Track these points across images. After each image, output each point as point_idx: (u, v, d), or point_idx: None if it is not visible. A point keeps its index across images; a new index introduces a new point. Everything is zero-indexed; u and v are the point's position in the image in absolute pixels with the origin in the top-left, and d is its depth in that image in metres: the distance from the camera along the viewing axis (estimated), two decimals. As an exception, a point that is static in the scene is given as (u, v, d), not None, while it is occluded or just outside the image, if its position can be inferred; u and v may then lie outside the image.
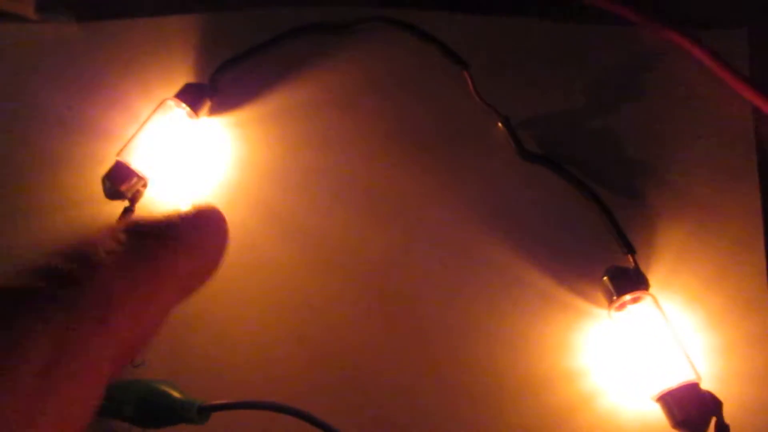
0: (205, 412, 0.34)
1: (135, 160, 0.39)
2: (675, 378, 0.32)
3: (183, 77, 0.43)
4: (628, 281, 0.34)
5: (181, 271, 0.19)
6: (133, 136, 0.39)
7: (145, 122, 0.39)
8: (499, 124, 0.40)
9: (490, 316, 0.37)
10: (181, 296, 0.20)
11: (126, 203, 0.39)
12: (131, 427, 0.36)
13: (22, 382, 0.15)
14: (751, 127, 0.39)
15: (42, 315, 0.16)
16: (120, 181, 0.38)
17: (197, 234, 0.20)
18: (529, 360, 0.36)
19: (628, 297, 0.34)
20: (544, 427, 0.35)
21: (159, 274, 0.19)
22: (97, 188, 0.39)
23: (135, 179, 0.39)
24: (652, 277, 0.36)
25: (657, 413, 0.33)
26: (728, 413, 0.32)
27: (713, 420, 0.31)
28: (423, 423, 0.36)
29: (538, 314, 0.37)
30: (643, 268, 0.36)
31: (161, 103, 0.40)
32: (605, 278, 0.35)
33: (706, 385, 0.32)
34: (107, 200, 0.39)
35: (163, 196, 0.41)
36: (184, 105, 0.40)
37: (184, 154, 0.41)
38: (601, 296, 0.36)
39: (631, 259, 0.36)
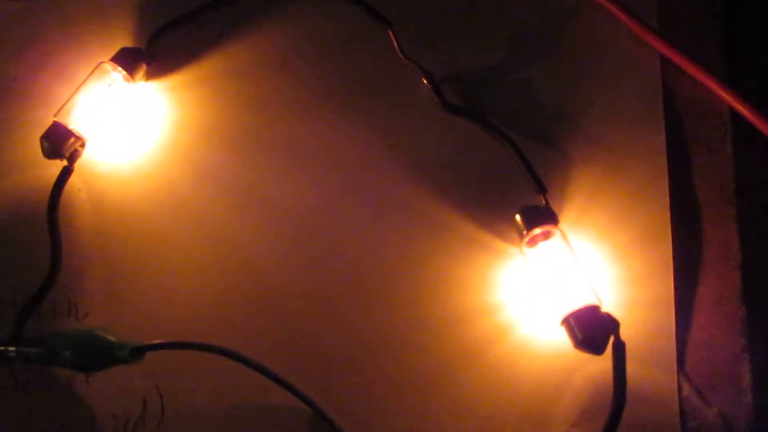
0: (137, 352, 0.36)
1: (72, 121, 0.40)
2: (577, 303, 0.34)
3: (123, 44, 0.44)
4: (537, 217, 0.36)
5: None
6: (70, 98, 0.41)
7: (81, 84, 0.41)
8: (424, 80, 0.42)
9: (414, 259, 0.39)
10: None
11: (64, 162, 0.40)
12: (74, 373, 0.39)
13: None
14: (658, 76, 0.41)
15: None
16: (57, 141, 0.40)
17: None
18: (450, 298, 0.38)
19: (537, 231, 0.36)
20: (465, 358, 0.37)
21: None
22: (39, 151, 0.41)
23: (72, 139, 0.40)
24: (565, 216, 0.38)
25: (565, 340, 0.35)
26: (630, 336, 0.34)
27: (612, 339, 0.33)
28: (352, 360, 0.38)
29: (458, 255, 0.39)
30: (556, 208, 0.38)
31: (98, 66, 0.41)
32: (517, 215, 0.37)
33: (613, 312, 0.35)
34: (48, 162, 0.41)
35: (102, 156, 0.42)
36: (120, 68, 0.42)
37: (121, 115, 0.42)
38: (516, 236, 0.38)
39: (542, 198, 0.38)
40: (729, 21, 0.41)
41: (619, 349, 0.33)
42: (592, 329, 0.33)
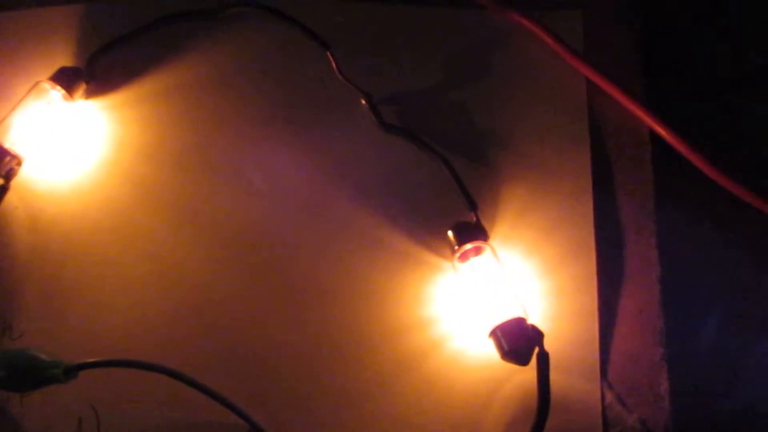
0: (71, 370, 0.35)
1: (9, 139, 0.40)
2: (504, 315, 0.35)
3: (62, 64, 0.44)
4: (468, 233, 0.38)
5: None
6: (5, 116, 0.41)
7: (19, 103, 0.41)
8: (362, 100, 0.43)
9: (349, 274, 0.40)
10: None
11: (0, 181, 0.40)
12: (8, 394, 0.38)
13: None
14: (584, 98, 0.43)
15: None
16: (-8, 159, 0.40)
17: None
18: (385, 312, 0.39)
19: (468, 246, 0.38)
20: (400, 370, 0.38)
21: None
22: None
23: (8, 158, 0.40)
24: (496, 232, 0.40)
25: (495, 352, 0.36)
26: (556, 347, 0.36)
27: (536, 350, 0.35)
28: (289, 374, 0.38)
29: (393, 270, 0.40)
30: (488, 224, 0.40)
31: (35, 85, 0.41)
32: (449, 232, 0.38)
33: (539, 324, 0.36)
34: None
35: (40, 174, 0.42)
36: (59, 87, 0.42)
37: (60, 134, 0.42)
38: (449, 251, 0.39)
39: (473, 215, 0.39)
40: (650, 45, 0.44)
41: (543, 359, 0.34)
42: (517, 341, 0.34)
